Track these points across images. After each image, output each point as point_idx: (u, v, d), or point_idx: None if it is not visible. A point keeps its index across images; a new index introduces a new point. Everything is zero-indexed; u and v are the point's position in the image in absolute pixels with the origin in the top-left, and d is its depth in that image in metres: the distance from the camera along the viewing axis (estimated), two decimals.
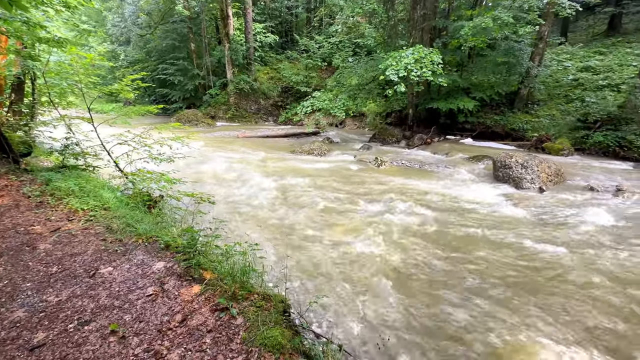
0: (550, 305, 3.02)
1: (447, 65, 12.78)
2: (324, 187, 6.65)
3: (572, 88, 12.08)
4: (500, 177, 7.18)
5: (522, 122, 11.52)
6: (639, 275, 3.51)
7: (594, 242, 4.30)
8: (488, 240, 4.36)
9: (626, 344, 2.59)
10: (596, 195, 6.06)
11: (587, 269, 3.60)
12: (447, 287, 3.33)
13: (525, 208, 5.54)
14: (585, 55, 14.39)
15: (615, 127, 9.32)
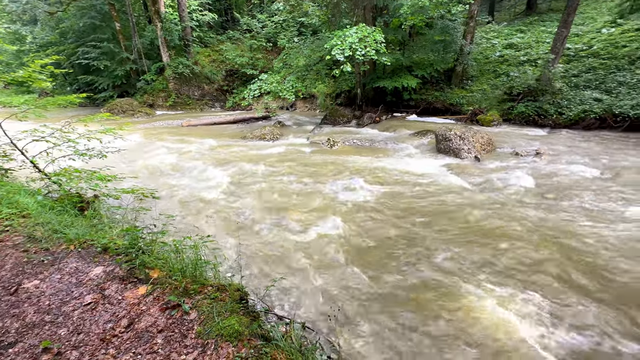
0: (487, 258, 3.41)
1: (390, 44, 13.12)
2: (278, 172, 6.57)
3: (499, 64, 13.25)
4: (442, 150, 7.74)
5: (458, 97, 12.42)
6: (554, 222, 4.10)
7: (520, 200, 4.91)
8: (434, 208, 4.73)
9: (543, 277, 3.04)
10: (520, 159, 6.87)
11: (515, 222, 4.09)
12: (401, 255, 3.56)
13: (464, 176, 6.08)
14: (509, 33, 15.80)
15: (534, 98, 10.52)
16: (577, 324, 2.53)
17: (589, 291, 2.89)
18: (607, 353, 2.28)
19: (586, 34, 12.86)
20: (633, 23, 11.88)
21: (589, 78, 10.37)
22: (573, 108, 9.75)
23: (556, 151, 7.33)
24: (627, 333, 2.43)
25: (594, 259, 3.34)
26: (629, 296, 2.82)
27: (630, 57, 10.22)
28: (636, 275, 3.07)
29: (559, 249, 3.52)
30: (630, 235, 3.75)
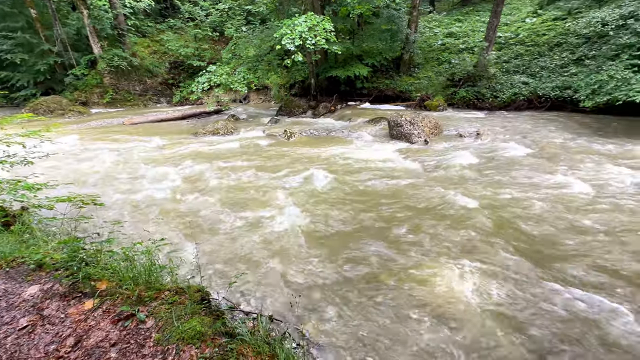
0: (438, 232, 3.68)
1: (340, 33, 13.22)
2: (235, 167, 6.36)
3: (441, 52, 14.09)
4: (395, 135, 8.09)
5: (407, 84, 13.01)
6: (493, 194, 4.55)
7: (465, 177, 5.35)
8: (389, 191, 4.96)
9: (485, 244, 3.38)
10: (464, 140, 7.45)
11: (460, 198, 4.45)
12: (362, 238, 3.69)
13: (416, 159, 6.45)
14: (449, 22, 16.82)
15: (473, 83, 11.41)
16: (509, 278, 2.86)
17: (518, 251, 3.27)
18: (528, 297, 2.62)
19: (513, 24, 14.16)
20: (550, 14, 13.34)
21: (517, 64, 11.50)
22: (505, 91, 10.77)
23: (494, 131, 8.07)
24: (548, 279, 2.81)
25: (524, 224, 3.78)
26: (551, 251, 3.25)
27: (549, 44, 11.50)
28: (555, 234, 3.55)
29: (498, 219, 3.93)
30: (554, 201, 4.30)
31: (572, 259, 3.13)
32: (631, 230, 3.55)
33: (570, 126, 8.09)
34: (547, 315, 2.50)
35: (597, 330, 2.33)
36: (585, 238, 3.45)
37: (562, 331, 2.34)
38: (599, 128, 7.75)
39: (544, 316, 2.49)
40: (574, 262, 3.09)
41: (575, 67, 9.92)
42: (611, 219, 3.79)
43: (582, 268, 3.00)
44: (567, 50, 10.75)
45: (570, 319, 2.44)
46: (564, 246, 3.35)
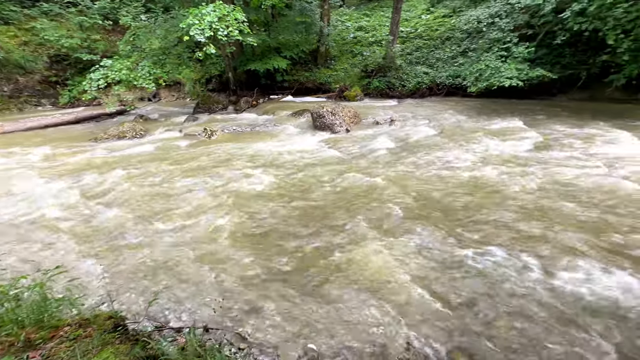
0: (366, 214, 3.94)
1: (255, 24, 12.82)
2: (150, 173, 5.71)
3: (354, 44, 14.87)
4: (318, 126, 8.31)
5: (326, 76, 13.42)
6: (408, 173, 5.07)
7: (383, 160, 5.82)
8: (317, 180, 5.09)
9: (408, 221, 3.76)
10: (380, 127, 8.09)
11: (380, 179, 4.84)
12: (293, 231, 3.71)
13: (339, 147, 6.74)
14: (358, 16, 17.81)
15: (384, 74, 12.40)
16: (427, 247, 3.26)
17: (431, 220, 3.74)
18: (443, 261, 3.04)
19: (412, 19, 15.74)
20: (440, 11, 15.22)
21: (418, 55, 12.89)
22: (411, 81, 12.00)
23: (405, 117, 8.95)
24: (458, 244, 3.29)
25: (435, 196, 4.33)
26: (454, 217, 3.80)
27: (441, 38, 13.15)
28: (457, 201, 4.15)
29: (414, 194, 4.40)
30: (455, 172, 5.01)
31: (475, 222, 3.71)
32: (507, 191, 4.36)
33: (462, 109, 9.48)
34: (461, 275, 2.91)
35: (504, 282, 2.82)
36: (481, 201, 4.12)
37: (475, 288, 2.77)
38: (483, 109, 9.27)
39: (460, 277, 2.90)
40: (478, 224, 3.67)
41: (462, 58, 11.61)
42: (497, 182, 4.60)
43: (484, 230, 3.57)
44: (454, 43, 12.48)
45: (480, 276, 2.89)
46: (466, 211, 3.94)
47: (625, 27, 7.12)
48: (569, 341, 2.19)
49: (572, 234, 3.33)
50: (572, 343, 2.17)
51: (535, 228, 3.48)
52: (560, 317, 2.38)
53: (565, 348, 2.14)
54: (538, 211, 3.82)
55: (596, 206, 3.85)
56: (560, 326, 2.30)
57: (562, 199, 4.06)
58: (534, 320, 2.37)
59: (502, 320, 2.39)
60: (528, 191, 4.33)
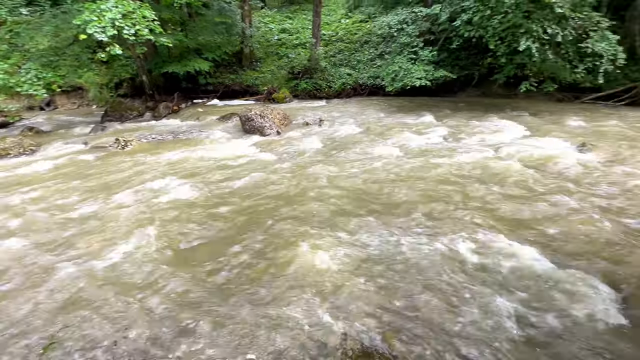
0: (301, 214, 3.97)
1: (169, 23, 11.86)
2: (45, 196, 4.83)
3: (279, 46, 14.90)
4: (248, 130, 8.10)
5: (253, 78, 13.16)
6: (340, 169, 5.29)
7: (315, 158, 5.96)
8: (251, 184, 4.94)
9: (343, 217, 3.91)
10: (310, 127, 8.27)
11: (315, 178, 4.94)
12: (228, 240, 3.54)
13: (271, 150, 6.68)
14: (281, 19, 17.89)
15: (311, 75, 12.71)
16: (353, 237, 3.45)
17: (360, 213, 3.97)
18: (372, 246, 3.26)
19: (333, 23, 16.45)
20: (357, 17, 16.22)
21: (341, 58, 13.53)
22: (336, 82, 12.54)
23: (333, 117, 9.31)
24: (392, 231, 3.55)
25: (366, 189, 4.61)
26: (381, 206, 4.11)
27: (360, 41, 14.03)
28: (386, 192, 4.49)
29: (347, 189, 4.60)
30: (382, 165, 5.40)
31: (399, 209, 4.05)
32: (423, 178, 4.88)
33: (383, 107, 10.27)
34: (388, 260, 3.14)
35: (421, 260, 3.12)
36: (403, 190, 4.51)
37: (400, 271, 3.01)
38: (401, 107, 10.19)
39: (386, 262, 3.12)
40: (401, 211, 4.00)
41: (379, 60, 12.58)
42: (415, 171, 5.10)
43: (407, 216, 3.92)
44: (372, 47, 13.44)
45: (403, 258, 3.16)
46: (390, 200, 4.28)
47: (501, 35, 8.60)
48: (477, 303, 2.55)
49: (472, 211, 3.88)
50: (477, 303, 2.53)
51: (446, 209, 3.97)
52: (466, 283, 2.75)
53: (473, 308, 2.49)
54: (448, 194, 4.36)
55: (491, 185, 4.57)
56: (467, 290, 2.66)
57: (465, 182, 4.71)
58: (446, 290, 2.69)
59: (423, 294, 2.66)
60: (439, 177, 4.90)
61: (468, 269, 2.94)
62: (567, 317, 2.41)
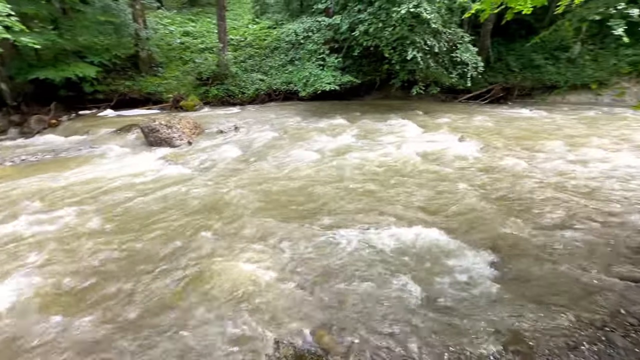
0: (222, 228, 3.76)
1: (34, 20, 9.77)
2: None
3: (182, 50, 13.81)
4: (153, 142, 7.28)
5: (154, 85, 11.89)
6: (260, 176, 5.20)
7: (233, 167, 5.72)
8: (161, 204, 4.45)
9: (267, 223, 3.84)
10: (225, 135, 7.92)
11: (234, 188, 4.73)
12: (140, 269, 3.11)
13: (182, 162, 6.14)
14: (182, 21, 16.62)
15: (221, 81, 12.16)
16: (278, 241, 3.46)
17: (283, 216, 4.00)
18: (297, 246, 3.33)
19: (240, 28, 16.08)
20: (265, 23, 16.24)
21: (252, 63, 13.34)
22: (249, 87, 12.31)
23: (248, 123, 9.10)
24: (307, 229, 3.65)
25: (284, 193, 4.64)
26: (303, 208, 4.21)
27: (270, 47, 14.07)
28: (306, 193, 4.62)
29: (268, 196, 4.55)
30: (301, 168, 5.52)
31: (318, 209, 4.19)
32: (339, 177, 5.20)
33: (299, 112, 10.54)
34: (314, 259, 3.22)
35: (344, 254, 3.29)
36: (321, 190, 4.70)
37: (326, 267, 3.12)
38: (315, 111, 10.62)
39: (312, 260, 3.20)
40: (327, 210, 4.15)
41: (291, 66, 12.85)
42: (331, 171, 5.38)
43: (327, 214, 4.08)
44: (282, 53, 13.63)
45: (328, 254, 3.28)
46: (310, 201, 4.41)
47: (393, 45, 9.78)
48: (393, 285, 2.83)
49: (384, 203, 4.32)
50: (394, 285, 2.82)
51: (362, 203, 4.30)
52: (383, 269, 3.04)
53: (391, 291, 2.77)
54: (363, 189, 4.74)
55: (398, 177, 5.14)
56: (384, 275, 2.94)
57: (377, 177, 5.20)
58: (368, 278, 2.93)
59: (348, 287, 2.83)
60: (354, 175, 5.29)
61: (384, 255, 3.24)
62: (461, 281, 2.89)
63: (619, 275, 2.86)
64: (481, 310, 2.57)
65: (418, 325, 2.44)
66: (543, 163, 5.69)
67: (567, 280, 2.85)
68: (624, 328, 2.31)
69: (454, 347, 2.24)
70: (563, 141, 6.87)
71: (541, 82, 12.65)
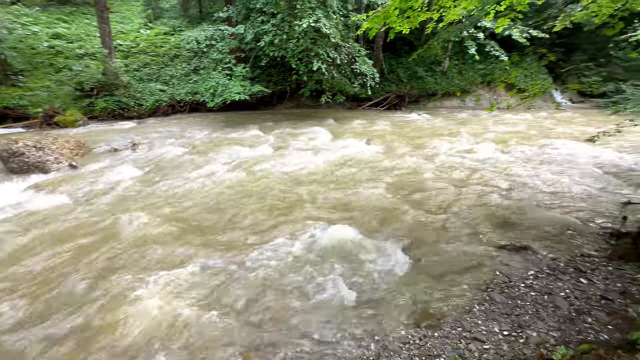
0: (126, 263, 3.21)
1: None
2: None
3: (53, 56, 11.50)
4: (17, 169, 5.81)
5: (15, 97, 9.55)
6: (163, 201, 4.66)
7: (131, 193, 4.99)
8: (28, 248, 3.56)
9: (165, 255, 3.45)
10: (120, 154, 6.88)
11: (133, 217, 4.12)
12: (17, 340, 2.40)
13: (62, 191, 5.05)
14: (50, 21, 13.85)
15: (111, 92, 10.55)
16: (196, 268, 3.18)
17: (197, 241, 3.69)
18: (216, 272, 3.11)
19: (130, 33, 14.31)
20: (160, 28, 14.85)
21: (149, 72, 12.01)
22: (148, 99, 11.02)
23: (150, 139, 8.12)
24: (237, 246, 3.44)
25: (196, 215, 4.28)
26: (220, 228, 3.97)
27: (169, 55, 12.93)
28: (222, 209, 4.35)
29: (179, 221, 4.11)
30: (216, 185, 5.17)
31: (243, 224, 3.99)
32: (259, 187, 5.09)
33: (208, 124, 9.93)
34: (236, 280, 3.03)
35: (277, 268, 3.18)
36: (243, 205, 4.50)
37: (248, 287, 2.96)
38: (227, 122, 10.18)
39: (234, 282, 3.01)
40: (244, 226, 3.96)
41: (195, 75, 12.05)
42: (248, 186, 5.21)
43: (250, 229, 3.91)
44: (184, 61, 12.68)
45: (256, 271, 3.13)
46: (231, 218, 4.17)
47: (299, 56, 10.16)
48: (316, 289, 2.88)
49: (304, 209, 4.40)
50: (316, 289, 2.87)
51: (280, 213, 4.29)
52: (304, 275, 3.06)
53: (314, 295, 2.81)
54: (281, 199, 4.73)
55: (315, 183, 5.31)
56: (307, 282, 2.98)
57: (295, 185, 5.26)
58: (290, 290, 2.91)
59: (272, 301, 2.76)
60: (270, 185, 5.24)
61: (306, 261, 3.28)
62: (379, 270, 3.15)
63: (492, 243, 3.55)
64: (398, 293, 2.84)
65: (344, 322, 2.54)
66: (432, 158, 6.70)
67: (458, 254, 3.40)
68: (500, 286, 2.87)
69: (379, 336, 2.40)
70: (445, 139, 8.25)
71: (424, 90, 15.00)
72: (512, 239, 3.61)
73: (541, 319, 2.44)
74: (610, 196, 4.65)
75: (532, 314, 2.50)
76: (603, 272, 2.94)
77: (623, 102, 5.76)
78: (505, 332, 2.35)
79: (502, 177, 5.56)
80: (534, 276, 2.98)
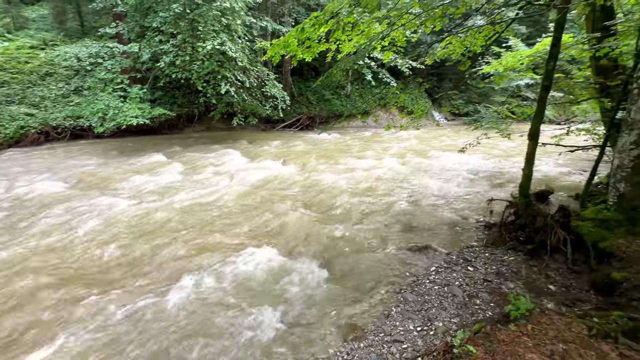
0: None
1: None
2: None
3: None
4: None
5: None
6: (32, 251, 3.72)
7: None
8: None
9: (45, 318, 2.74)
10: None
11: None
12: None
13: None
14: None
15: None
16: (105, 314, 2.60)
17: (82, 294, 3.04)
18: (137, 316, 2.61)
19: None
20: (24, 41, 12.30)
21: (8, 93, 9.73)
22: (7, 125, 8.86)
23: (10, 174, 6.46)
24: (143, 288, 2.92)
25: (84, 261, 3.53)
26: (124, 271, 3.37)
27: (38, 73, 10.75)
28: (121, 250, 3.71)
29: (53, 273, 3.30)
30: (104, 228, 4.38)
31: (156, 264, 3.43)
32: (167, 221, 4.54)
33: (97, 152, 8.51)
34: (164, 321, 2.56)
35: (198, 304, 2.79)
36: (150, 242, 3.90)
37: (182, 327, 2.53)
38: (123, 149, 8.90)
39: (164, 324, 2.53)
40: (161, 265, 3.41)
41: (77, 97, 10.29)
42: (151, 220, 4.59)
43: (168, 266, 3.38)
44: (61, 80, 10.72)
45: (176, 314, 2.69)
46: (133, 261, 3.56)
47: (205, 78, 9.75)
48: (243, 322, 2.67)
49: (217, 239, 4.10)
50: (243, 322, 2.67)
51: (193, 247, 3.90)
52: (228, 307, 2.83)
53: (239, 329, 2.60)
54: (192, 232, 4.31)
55: (227, 209, 5.04)
56: (232, 314, 2.74)
57: (204, 216, 4.88)
58: (214, 325, 2.63)
59: (197, 343, 2.43)
60: (179, 218, 4.74)
61: (227, 292, 3.03)
62: (302, 290, 3.11)
63: (400, 247, 3.95)
64: (323, 312, 2.84)
65: (272, 350, 2.41)
66: (343, 173, 7.18)
67: (372, 262, 3.65)
68: (410, 286, 3.18)
69: (310, 358, 2.35)
70: (354, 155, 8.99)
71: (332, 112, 16.23)
72: (415, 240, 4.08)
73: (444, 309, 2.78)
74: (479, 195, 5.76)
75: (437, 306, 2.83)
76: (482, 259, 3.57)
77: (480, 119, 7.31)
78: (418, 328, 2.59)
79: (403, 186, 6.32)
80: (435, 271, 3.40)
